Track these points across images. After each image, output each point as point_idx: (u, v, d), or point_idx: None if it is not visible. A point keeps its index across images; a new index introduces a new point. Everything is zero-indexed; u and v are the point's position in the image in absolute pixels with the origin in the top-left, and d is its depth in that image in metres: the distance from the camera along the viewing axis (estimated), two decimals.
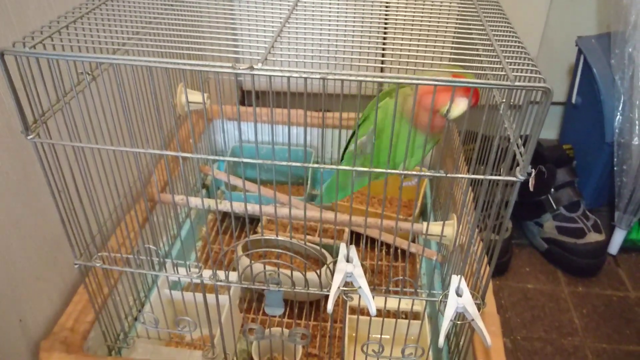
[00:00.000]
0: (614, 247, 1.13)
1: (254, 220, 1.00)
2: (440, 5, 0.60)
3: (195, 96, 0.86)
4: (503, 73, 0.42)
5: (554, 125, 1.43)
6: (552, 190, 1.11)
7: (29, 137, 0.48)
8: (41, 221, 0.63)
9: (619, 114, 1.09)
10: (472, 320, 0.52)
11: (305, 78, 0.41)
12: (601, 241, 1.07)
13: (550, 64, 1.36)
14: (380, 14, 0.59)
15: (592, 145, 1.18)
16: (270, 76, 0.41)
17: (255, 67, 0.41)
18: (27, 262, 0.61)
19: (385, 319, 0.62)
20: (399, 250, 0.95)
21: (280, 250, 0.55)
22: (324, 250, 0.82)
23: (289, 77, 0.41)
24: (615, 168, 1.10)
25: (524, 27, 1.30)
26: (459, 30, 0.53)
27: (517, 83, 0.40)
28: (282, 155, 0.47)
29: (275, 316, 0.58)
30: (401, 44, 0.49)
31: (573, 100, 1.23)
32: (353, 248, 0.53)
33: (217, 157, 0.47)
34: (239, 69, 0.41)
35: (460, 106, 0.50)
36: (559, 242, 1.10)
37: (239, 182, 0.90)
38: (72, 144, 0.50)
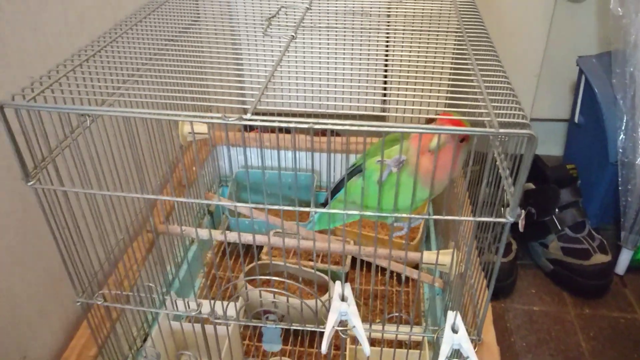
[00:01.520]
0: (620, 268, 1.12)
1: (257, 246, 1.01)
2: (436, 44, 0.61)
3: (198, 126, 0.87)
4: (488, 119, 0.43)
5: (559, 142, 1.43)
6: (557, 210, 1.11)
7: (30, 184, 0.49)
8: (43, 257, 0.65)
9: (622, 133, 1.08)
10: (467, 357, 0.52)
11: (294, 127, 0.42)
12: (607, 262, 1.06)
13: (553, 81, 1.36)
14: (377, 54, 0.59)
15: (595, 165, 1.17)
16: (259, 125, 0.42)
17: (244, 117, 0.42)
18: (29, 297, 0.62)
19: (384, 348, 0.63)
20: (403, 276, 0.96)
21: (286, 280, 0.56)
22: (320, 274, 0.83)
23: (277, 128, 0.42)
24: (620, 188, 1.09)
25: (526, 45, 1.31)
26: (454, 72, 0.54)
27: (501, 130, 0.40)
28: (285, 180, 0.47)
29: (274, 352, 0.59)
30: (398, 89, 0.49)
31: (576, 120, 1.23)
32: (348, 286, 0.53)
33: (210, 202, 0.48)
34: (229, 120, 0.42)
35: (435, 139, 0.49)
36: (564, 263, 1.09)
37: (243, 210, 0.91)
38: (71, 190, 0.51)
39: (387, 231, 1.01)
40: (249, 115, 0.42)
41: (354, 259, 0.96)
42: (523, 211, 0.45)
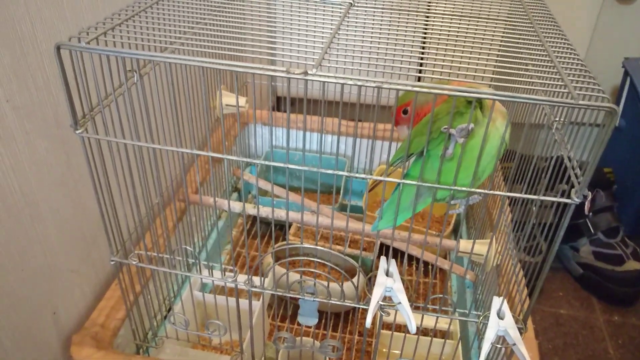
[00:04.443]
0: None
1: (282, 228, 1.00)
2: (489, 12, 0.59)
3: (233, 99, 0.86)
4: (564, 90, 0.40)
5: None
6: (591, 214, 1.08)
7: (78, 132, 0.48)
8: (80, 215, 0.64)
9: None
10: (514, 344, 0.50)
11: (360, 86, 0.40)
12: None
13: None
14: (423, 23, 0.57)
15: (634, 170, 1.14)
16: (323, 82, 0.41)
17: (309, 72, 0.40)
18: (63, 253, 0.62)
19: (419, 337, 0.61)
20: (430, 266, 0.93)
21: (317, 259, 0.54)
22: (353, 261, 0.81)
23: (342, 85, 0.40)
24: None
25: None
26: (507, 41, 0.51)
27: (581, 102, 0.38)
28: (314, 163, 0.45)
29: (309, 326, 0.57)
30: (444, 55, 0.47)
31: (617, 123, 1.20)
32: (393, 262, 0.51)
33: (253, 160, 0.47)
34: (294, 73, 0.40)
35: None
36: (595, 268, 1.06)
37: (274, 189, 0.90)
38: (118, 140, 0.50)
39: (420, 223, 0.99)
40: (314, 71, 0.41)
41: (381, 248, 0.94)
42: (590, 192, 0.43)
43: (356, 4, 0.59)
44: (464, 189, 0.44)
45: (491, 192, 0.45)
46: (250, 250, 0.96)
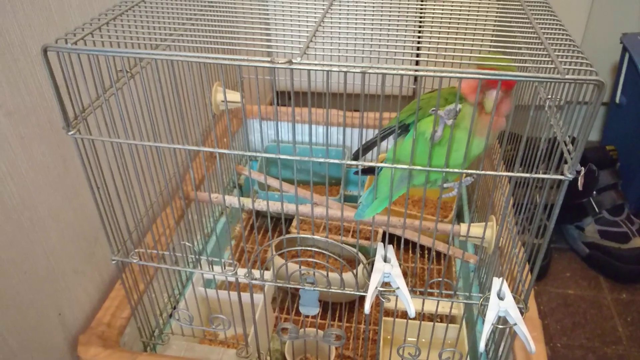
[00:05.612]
0: None
1: (287, 221, 1.00)
2: None
3: (231, 95, 0.86)
4: (551, 66, 0.40)
5: (596, 125, 1.38)
6: (594, 192, 1.07)
7: (70, 133, 0.48)
8: (80, 215, 0.64)
9: None
10: (515, 324, 0.50)
11: (346, 72, 0.40)
12: None
13: (592, 61, 1.31)
14: (417, 7, 0.57)
15: (637, 146, 1.13)
16: (308, 70, 0.41)
17: (294, 61, 0.40)
18: (66, 255, 0.62)
19: (422, 322, 0.61)
20: (434, 253, 0.93)
21: (316, 249, 0.55)
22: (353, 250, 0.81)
23: (329, 72, 0.40)
24: None
25: (565, 24, 1.26)
26: (500, 21, 0.51)
27: (567, 76, 0.38)
28: (315, 155, 0.45)
29: (309, 316, 0.57)
30: (438, 37, 0.47)
31: (617, 100, 1.19)
32: (390, 248, 0.51)
33: (252, 153, 0.47)
34: (278, 63, 0.40)
35: (490, 98, 0.46)
36: (601, 246, 1.05)
37: (273, 182, 0.90)
38: (112, 140, 0.50)
39: (418, 209, 0.99)
40: (298, 59, 0.41)
41: (391, 239, 0.94)
42: (583, 168, 0.43)
43: None
44: (450, 170, 0.44)
45: (483, 172, 0.45)
46: (255, 244, 0.96)
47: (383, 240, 0.52)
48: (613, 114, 1.27)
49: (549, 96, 0.51)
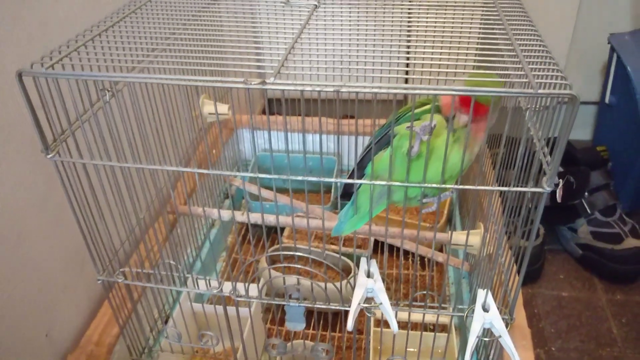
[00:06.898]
0: None
1: (278, 230, 1.00)
2: (463, 11, 0.58)
3: (219, 107, 0.86)
4: (526, 80, 0.40)
5: (587, 125, 1.38)
6: (586, 194, 1.07)
7: (49, 156, 0.48)
8: (67, 234, 0.64)
9: None
10: (500, 336, 0.50)
11: (319, 91, 0.40)
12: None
13: (582, 62, 1.31)
14: (402, 22, 0.57)
15: (628, 146, 1.13)
16: (282, 90, 0.41)
17: (267, 81, 0.40)
18: (54, 274, 0.62)
19: (410, 331, 0.61)
20: (426, 259, 0.93)
21: (301, 257, 0.55)
22: (346, 259, 0.81)
23: (302, 91, 0.40)
24: None
25: (554, 25, 1.27)
26: (483, 36, 0.51)
27: (540, 91, 0.38)
28: (307, 164, 0.45)
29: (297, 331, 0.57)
30: (423, 53, 0.47)
31: (607, 100, 1.19)
32: (374, 262, 0.51)
33: (233, 173, 0.47)
34: (251, 84, 0.40)
35: (462, 120, 0.46)
36: (594, 248, 1.05)
37: (264, 193, 0.90)
38: (91, 162, 0.50)
39: (413, 215, 0.99)
40: (272, 80, 0.41)
41: (376, 244, 0.94)
42: (561, 180, 0.43)
43: (321, 5, 0.58)
44: (427, 185, 0.44)
45: (461, 187, 0.45)
46: (246, 256, 0.96)
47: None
48: (603, 114, 1.27)
49: (529, 106, 0.50)
